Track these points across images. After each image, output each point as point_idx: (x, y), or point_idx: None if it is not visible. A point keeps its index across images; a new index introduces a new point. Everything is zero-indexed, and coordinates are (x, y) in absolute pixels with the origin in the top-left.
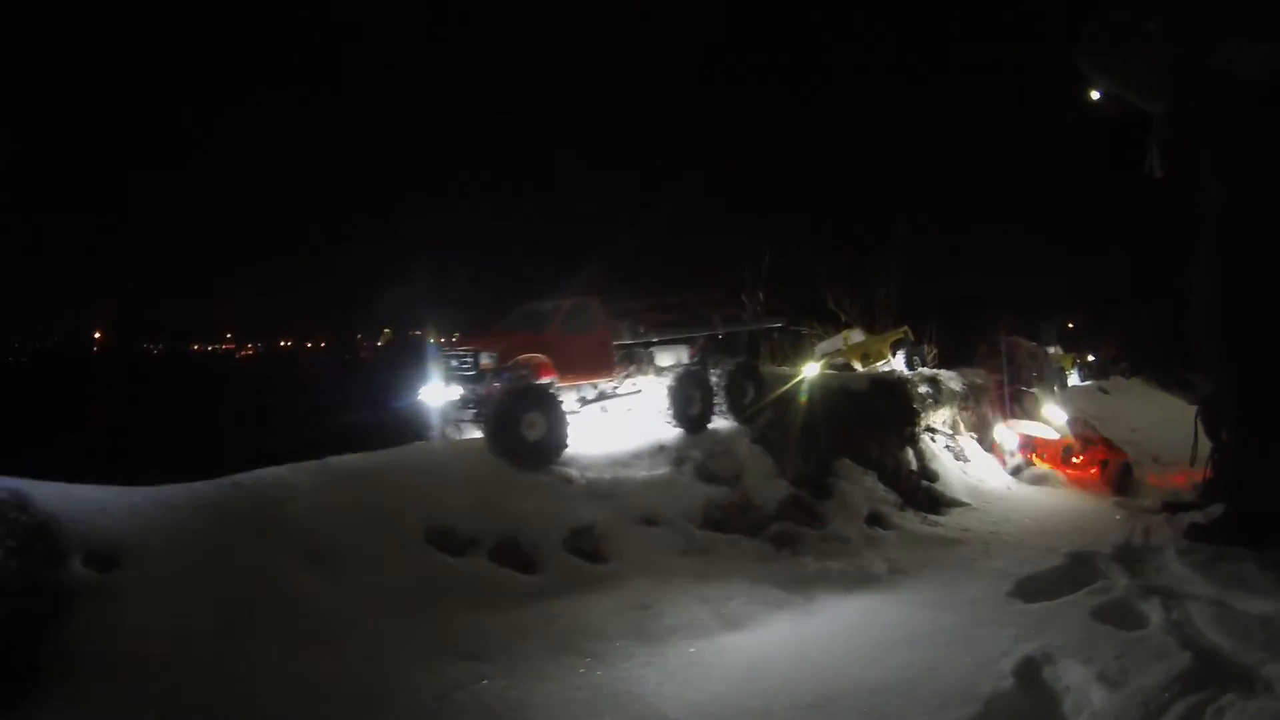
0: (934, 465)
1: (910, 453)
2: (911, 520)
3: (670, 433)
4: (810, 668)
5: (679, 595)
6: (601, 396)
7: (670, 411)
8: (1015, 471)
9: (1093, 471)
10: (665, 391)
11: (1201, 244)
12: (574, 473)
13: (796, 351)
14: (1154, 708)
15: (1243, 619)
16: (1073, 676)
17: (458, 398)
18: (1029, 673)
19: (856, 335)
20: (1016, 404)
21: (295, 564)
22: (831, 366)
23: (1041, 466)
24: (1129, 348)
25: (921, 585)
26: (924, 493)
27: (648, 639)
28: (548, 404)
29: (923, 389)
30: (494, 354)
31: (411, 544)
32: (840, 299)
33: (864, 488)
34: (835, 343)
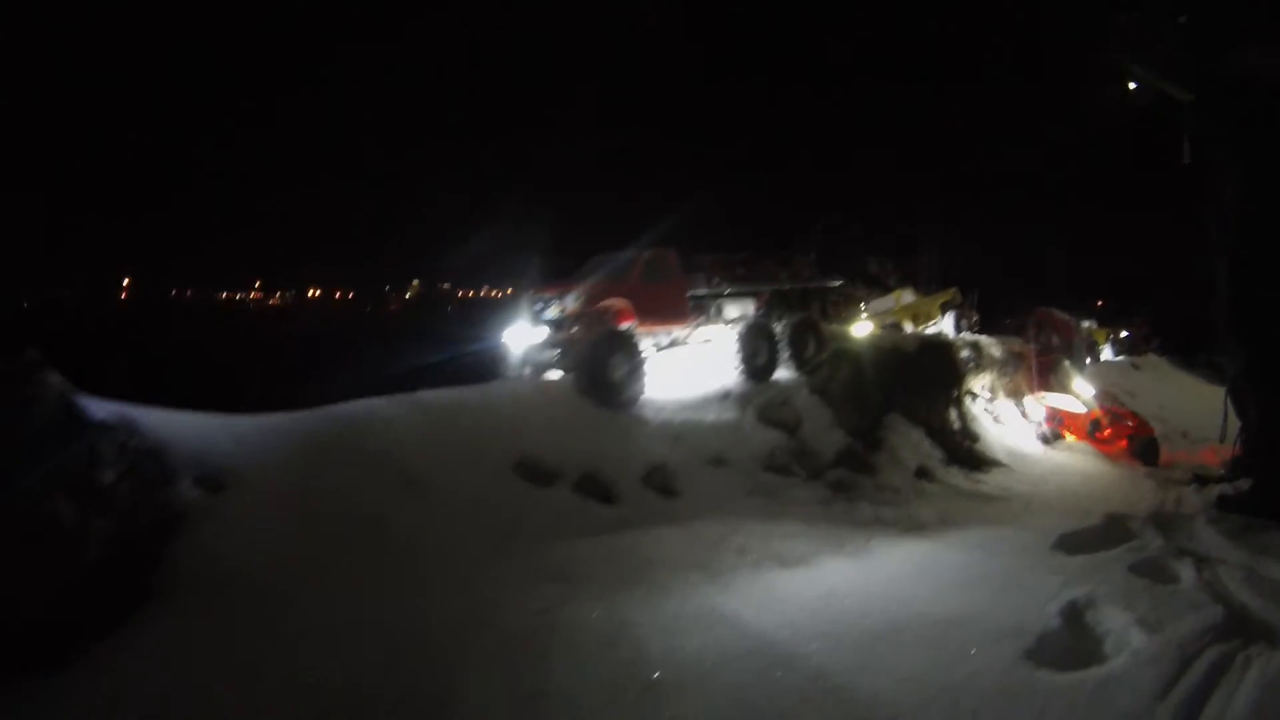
0: (975, 426)
1: (954, 413)
2: (956, 476)
3: (736, 381)
4: (875, 602)
5: (746, 531)
6: (675, 344)
7: (738, 360)
8: (1045, 440)
9: (1120, 444)
10: (734, 341)
11: (1221, 234)
12: (649, 414)
13: (847, 311)
14: (1188, 652)
15: (1270, 583)
16: (1113, 621)
17: (541, 340)
18: (1074, 615)
19: (908, 296)
20: (1050, 374)
21: (390, 491)
22: (881, 327)
23: (1069, 439)
24: (1161, 326)
25: (969, 535)
26: (967, 451)
27: (719, 571)
28: (631, 349)
29: (965, 353)
30: (580, 298)
31: (501, 474)
32: (885, 262)
33: (912, 442)
34: (887, 302)
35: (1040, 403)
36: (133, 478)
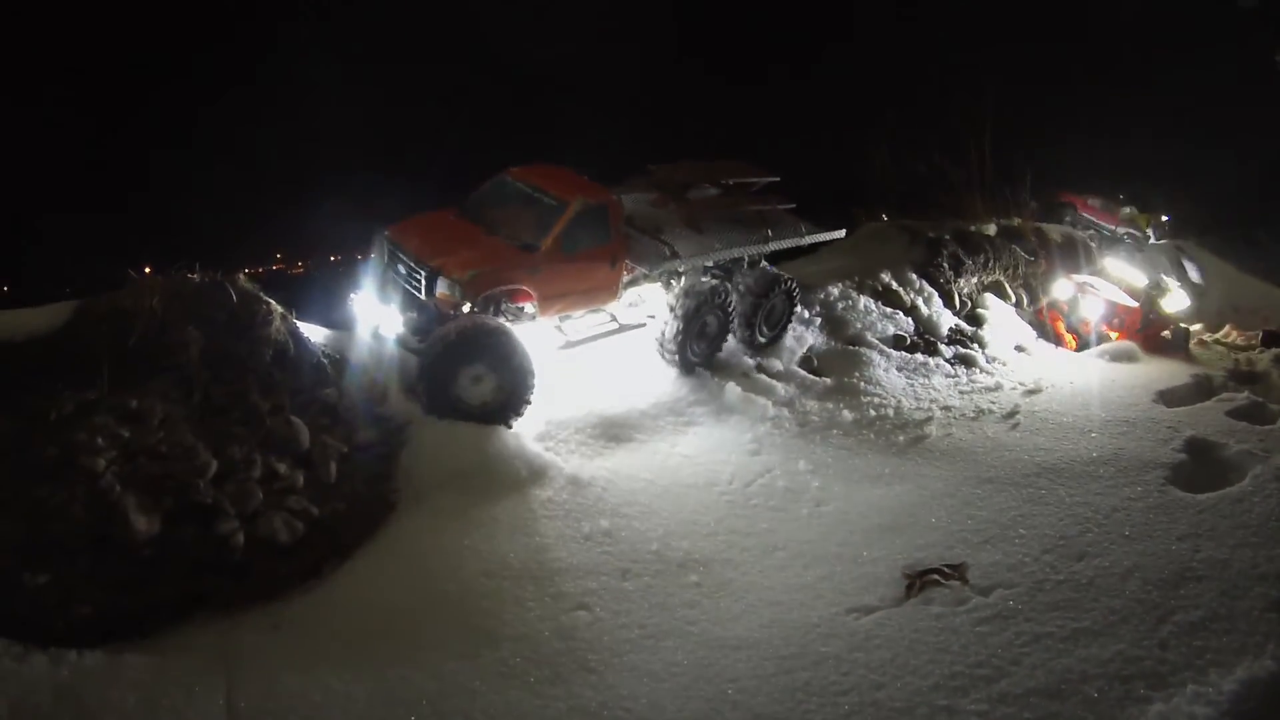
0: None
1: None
2: (1043, 346)
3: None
4: (1032, 449)
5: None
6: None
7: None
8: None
9: (1164, 334)
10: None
11: None
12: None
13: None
14: None
15: None
16: (1228, 452)
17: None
18: (1195, 449)
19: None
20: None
21: None
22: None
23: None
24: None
25: (1076, 392)
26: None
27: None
28: (502, 353)
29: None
30: (456, 282)
31: None
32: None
33: (1004, 320)
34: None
35: (1091, 294)
36: (348, 398)
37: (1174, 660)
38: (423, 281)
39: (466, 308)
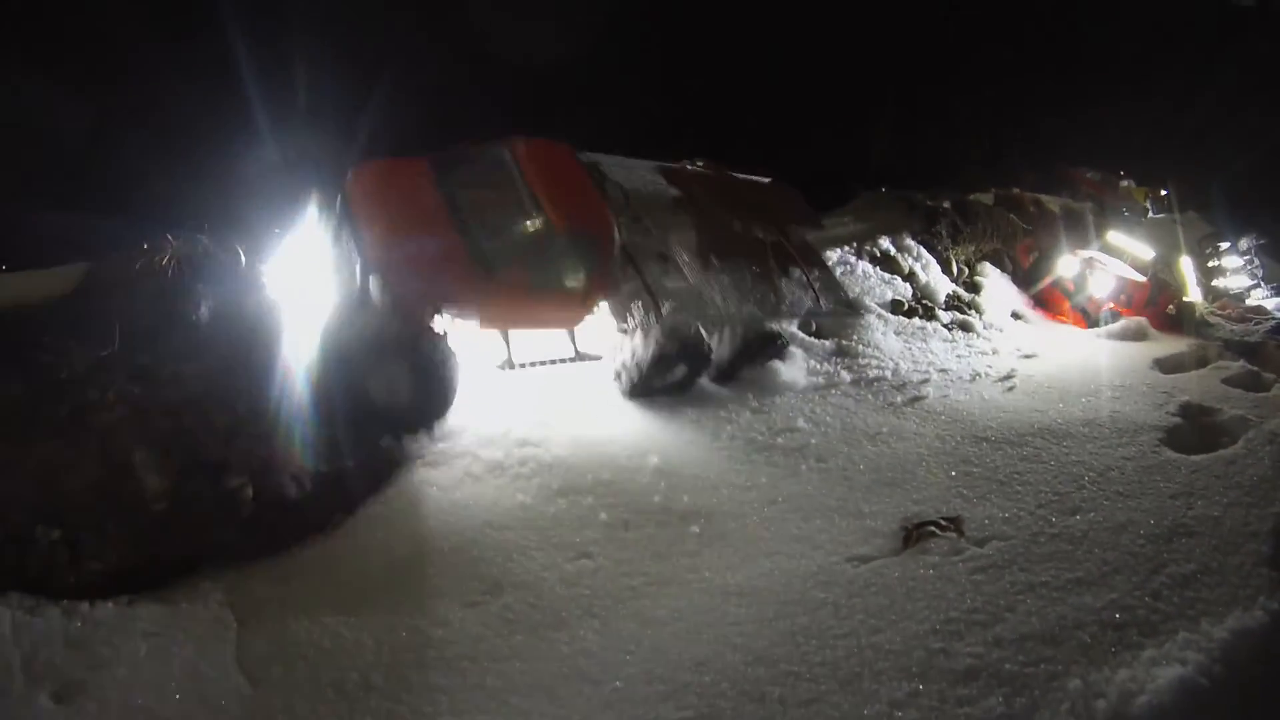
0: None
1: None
2: (1038, 317)
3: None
4: (1028, 410)
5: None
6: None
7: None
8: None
9: (1170, 309)
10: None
11: None
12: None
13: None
14: None
15: None
16: (1222, 417)
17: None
18: (1190, 413)
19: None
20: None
21: None
22: None
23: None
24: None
25: (1075, 359)
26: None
27: None
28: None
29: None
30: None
31: None
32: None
33: (1001, 289)
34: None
35: (1100, 271)
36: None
37: (1166, 610)
38: (358, 269)
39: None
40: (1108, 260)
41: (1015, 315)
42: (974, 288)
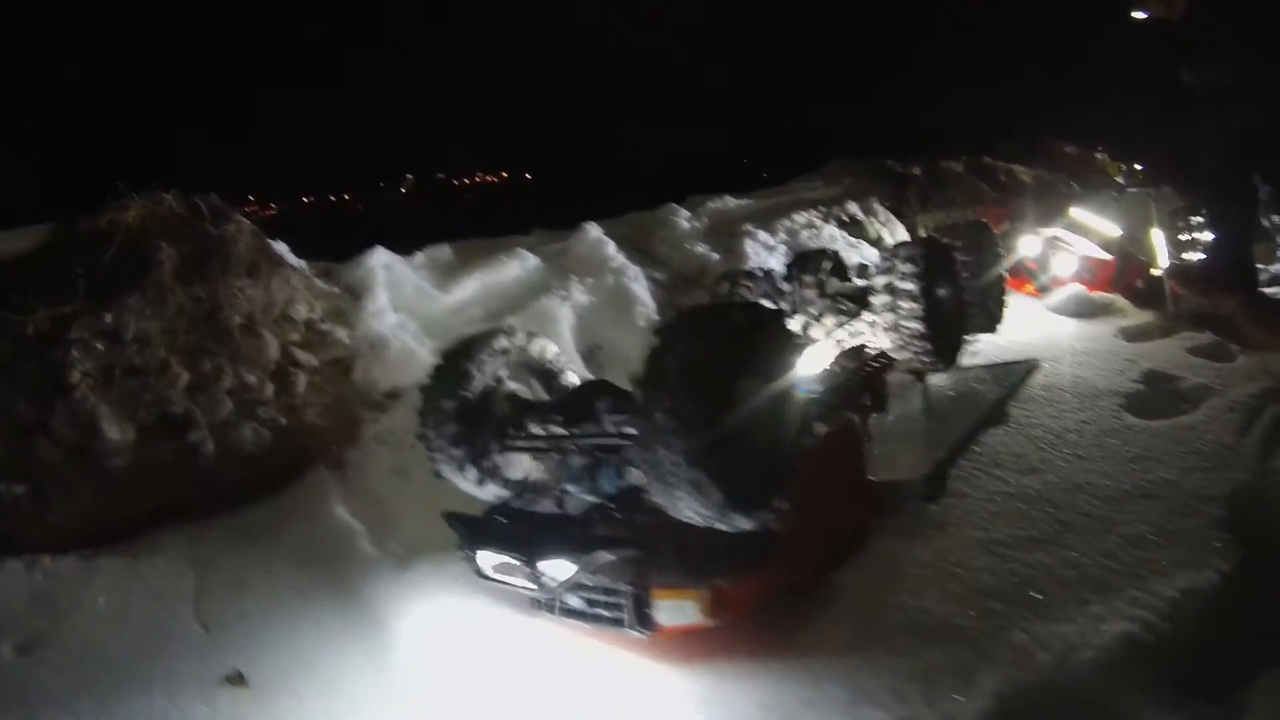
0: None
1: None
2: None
3: None
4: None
5: None
6: None
7: None
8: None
9: (1138, 284)
10: None
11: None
12: None
13: None
14: (1253, 408)
15: None
16: (1185, 384)
17: None
18: (1152, 380)
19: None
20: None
21: None
22: None
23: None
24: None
25: (1039, 328)
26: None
27: None
28: None
29: None
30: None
31: None
32: None
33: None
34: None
35: (1063, 249)
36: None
37: (1116, 568)
38: None
39: None
40: (1071, 238)
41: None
42: None
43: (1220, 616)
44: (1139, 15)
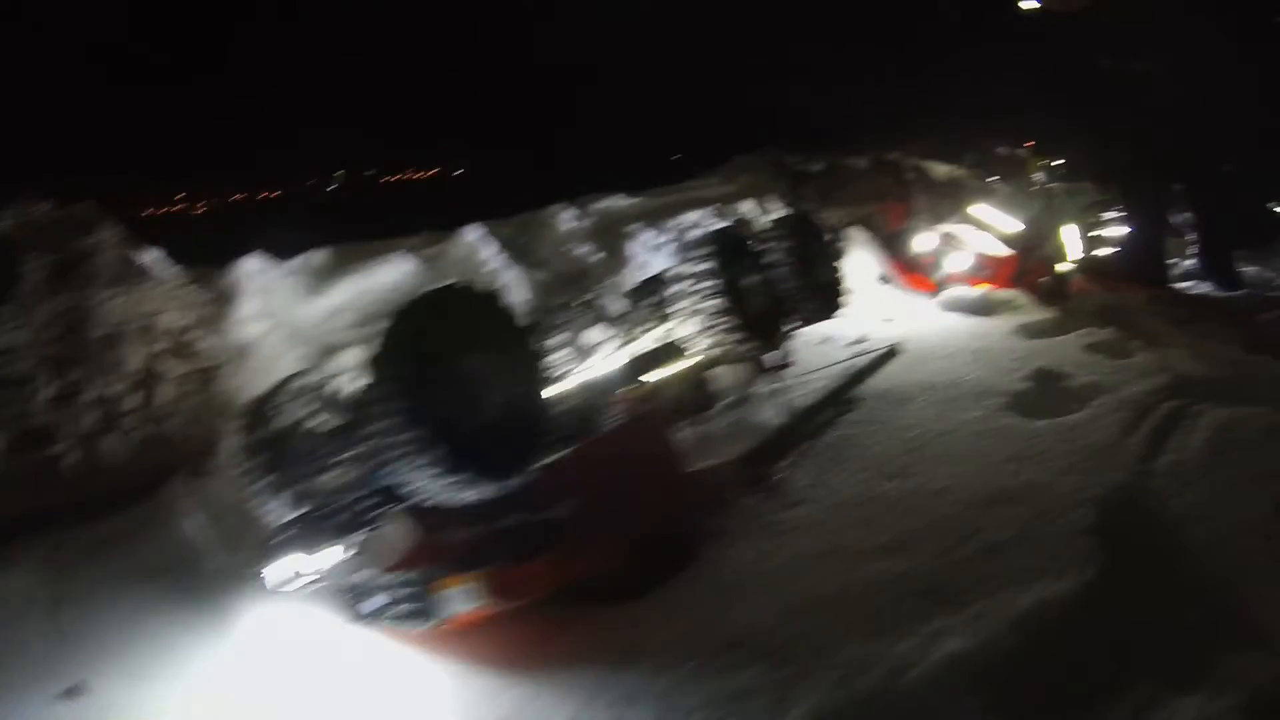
0: None
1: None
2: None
3: None
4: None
5: None
6: None
7: None
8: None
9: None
10: None
11: None
12: None
13: None
14: (1146, 405)
15: (1209, 358)
16: (1076, 382)
17: None
18: (1041, 378)
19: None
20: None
21: None
22: None
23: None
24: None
25: (935, 326)
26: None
27: None
28: None
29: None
30: None
31: None
32: None
33: (870, 254)
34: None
35: (960, 249)
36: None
37: (967, 579)
38: None
39: None
40: (968, 234)
41: (884, 280)
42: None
43: (1076, 630)
44: (1028, 5)
